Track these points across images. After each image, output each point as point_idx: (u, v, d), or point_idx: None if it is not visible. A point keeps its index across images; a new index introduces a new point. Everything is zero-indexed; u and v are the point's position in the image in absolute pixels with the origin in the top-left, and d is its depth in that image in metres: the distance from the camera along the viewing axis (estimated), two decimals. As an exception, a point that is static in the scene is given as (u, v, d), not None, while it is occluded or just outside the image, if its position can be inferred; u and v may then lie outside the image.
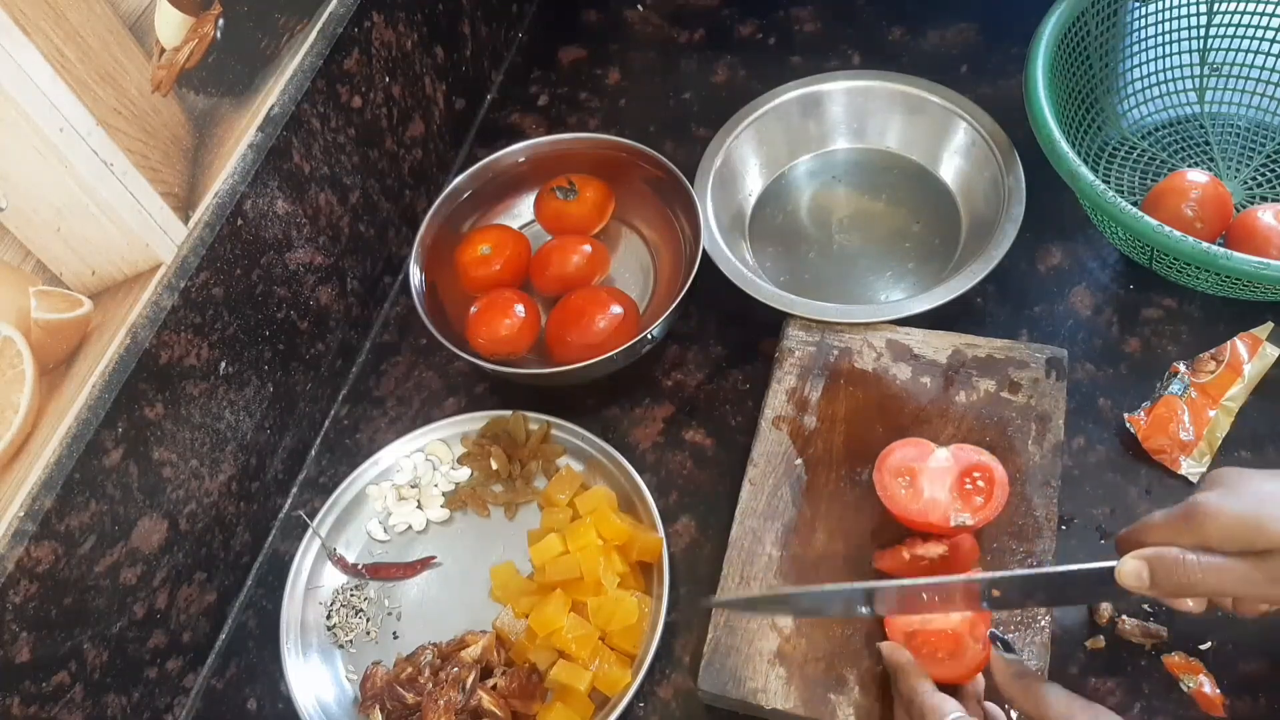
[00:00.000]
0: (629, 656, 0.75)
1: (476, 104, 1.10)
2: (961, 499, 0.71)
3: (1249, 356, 0.79)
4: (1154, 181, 0.88)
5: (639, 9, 1.16)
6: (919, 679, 0.63)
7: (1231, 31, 0.91)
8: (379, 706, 0.74)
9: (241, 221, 0.77)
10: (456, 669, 0.74)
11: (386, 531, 0.85)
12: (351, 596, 0.82)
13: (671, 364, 0.90)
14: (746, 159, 0.96)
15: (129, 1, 0.65)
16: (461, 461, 0.87)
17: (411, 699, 0.74)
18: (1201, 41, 0.92)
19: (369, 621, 0.81)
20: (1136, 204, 0.82)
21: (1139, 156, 0.92)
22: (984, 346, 0.81)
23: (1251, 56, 0.91)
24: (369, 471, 0.86)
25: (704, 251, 0.86)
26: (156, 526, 0.74)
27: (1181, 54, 0.93)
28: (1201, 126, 0.93)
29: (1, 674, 0.63)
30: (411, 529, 0.85)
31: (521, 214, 1.00)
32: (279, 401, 0.86)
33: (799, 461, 0.78)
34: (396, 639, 0.80)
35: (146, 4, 0.67)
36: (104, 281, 0.67)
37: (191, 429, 0.76)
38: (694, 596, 0.78)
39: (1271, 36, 0.90)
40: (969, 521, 0.70)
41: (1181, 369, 0.80)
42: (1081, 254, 0.89)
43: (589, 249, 0.92)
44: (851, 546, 0.74)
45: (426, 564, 0.83)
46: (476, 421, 0.87)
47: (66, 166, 0.63)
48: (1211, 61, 0.93)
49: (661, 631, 0.74)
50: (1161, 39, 0.92)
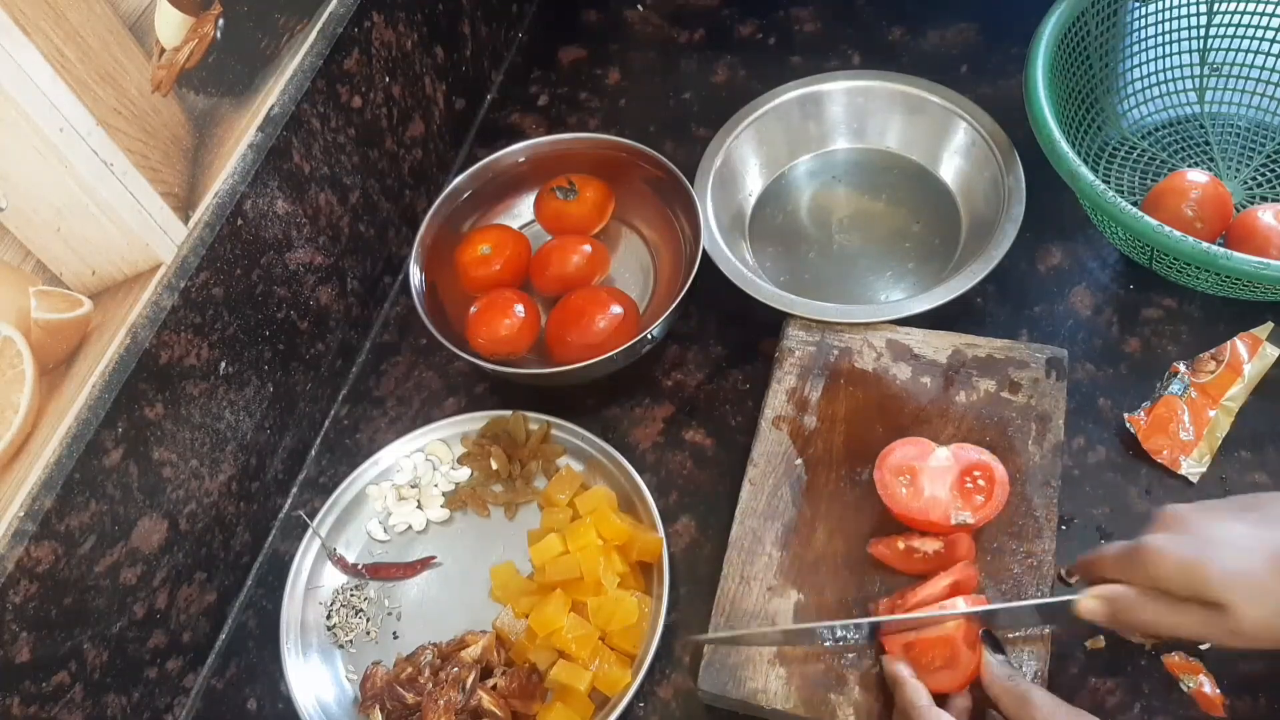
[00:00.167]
0: (629, 656, 0.75)
1: (476, 104, 1.10)
2: (962, 497, 0.71)
3: (1249, 356, 0.79)
4: (1154, 181, 0.88)
5: (639, 9, 1.16)
6: (916, 694, 0.63)
7: (1231, 31, 0.91)
8: (379, 706, 0.74)
9: (241, 221, 0.77)
10: (456, 669, 0.74)
11: (386, 531, 0.85)
12: (351, 596, 0.82)
13: (671, 364, 0.90)
14: (746, 159, 0.96)
15: (129, 1, 0.65)
16: (461, 461, 0.87)
17: (411, 699, 0.74)
18: (1201, 41, 0.92)
19: (369, 621, 0.81)
20: (1136, 204, 0.82)
21: (1139, 156, 0.92)
22: (984, 346, 0.81)
23: (1251, 56, 0.91)
24: (369, 471, 0.86)
25: (704, 251, 0.86)
26: (156, 526, 0.74)
27: (1181, 54, 0.93)
28: (1201, 126, 0.93)
29: (1, 674, 0.63)
30: (411, 529, 0.85)
31: (521, 214, 1.00)
32: (279, 401, 0.86)
33: (799, 461, 0.78)
34: (396, 639, 0.80)
35: (146, 4, 0.67)
36: (104, 281, 0.67)
37: (191, 429, 0.76)
38: (694, 597, 0.78)
39: (1271, 36, 0.90)
40: (969, 520, 0.70)
41: (1181, 369, 0.80)
42: (1081, 254, 0.89)
43: (589, 249, 0.92)
44: (851, 546, 0.74)
45: (426, 564, 0.83)
46: (476, 421, 0.87)
47: (66, 166, 0.63)
48: (1211, 61, 0.93)
49: (661, 631, 0.74)
50: (1161, 39, 0.92)
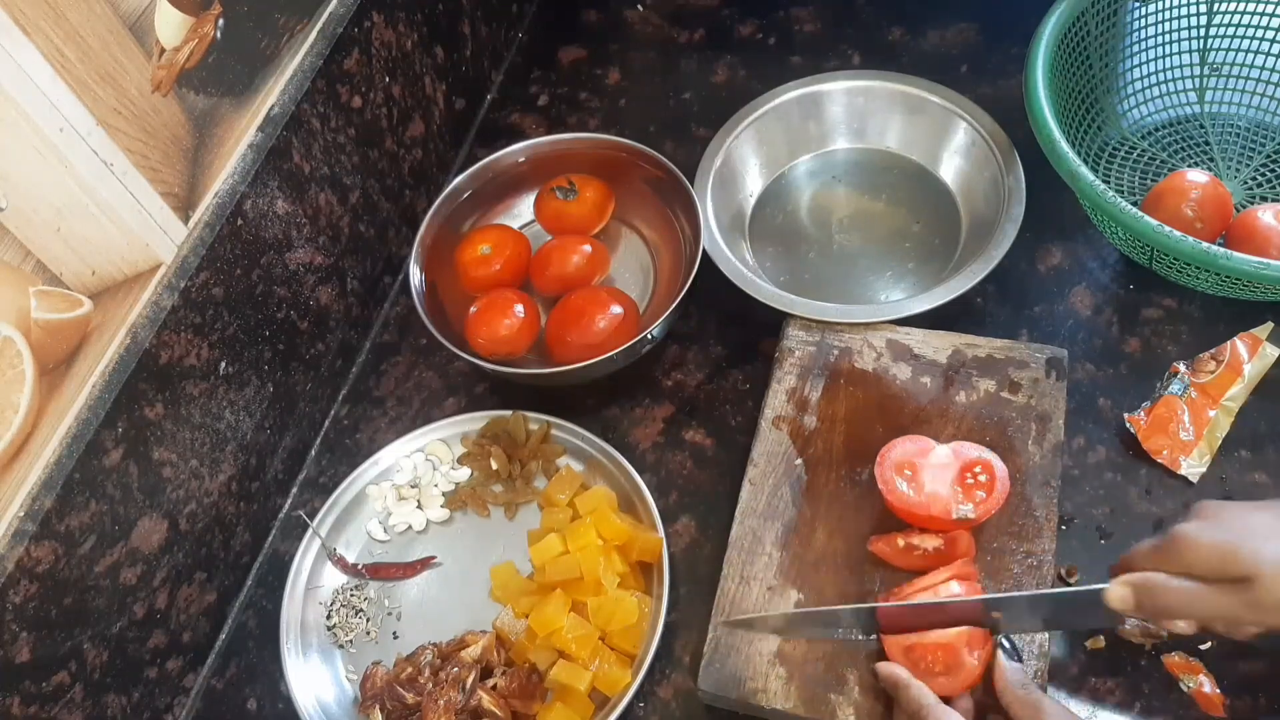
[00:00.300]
0: (629, 656, 0.75)
1: (476, 104, 1.10)
2: (963, 492, 0.71)
3: (1249, 356, 0.79)
4: (1154, 181, 0.88)
5: (639, 9, 1.16)
6: (923, 693, 0.63)
7: (1231, 31, 0.91)
8: (379, 706, 0.74)
9: (241, 221, 0.77)
10: (456, 669, 0.74)
11: (386, 531, 0.85)
12: (351, 596, 0.82)
13: (671, 364, 0.90)
14: (746, 159, 0.96)
15: (129, 1, 0.65)
16: (461, 461, 0.87)
17: (411, 699, 0.74)
18: (1201, 41, 0.92)
19: (369, 621, 0.81)
20: (1136, 204, 0.82)
21: (1139, 156, 0.92)
22: (984, 346, 0.81)
23: (1251, 56, 0.91)
24: (369, 471, 0.86)
25: (704, 251, 0.86)
26: (156, 526, 0.74)
27: (1181, 54, 0.93)
28: (1201, 126, 0.93)
29: (1, 674, 0.63)
30: (411, 529, 0.85)
31: (521, 214, 1.00)
32: (279, 401, 0.86)
33: (799, 461, 0.78)
34: (396, 639, 0.80)
35: (146, 4, 0.67)
36: (104, 281, 0.67)
37: (191, 429, 0.76)
38: (694, 597, 0.78)
39: (1271, 36, 0.90)
40: (970, 515, 0.70)
41: (1181, 369, 0.80)
42: (1081, 254, 0.89)
43: (589, 249, 0.92)
44: (852, 546, 0.74)
45: (426, 564, 0.83)
46: (476, 421, 0.87)
47: (66, 166, 0.63)
48: (1211, 61, 0.93)
49: (661, 631, 0.74)
50: (1161, 39, 0.92)
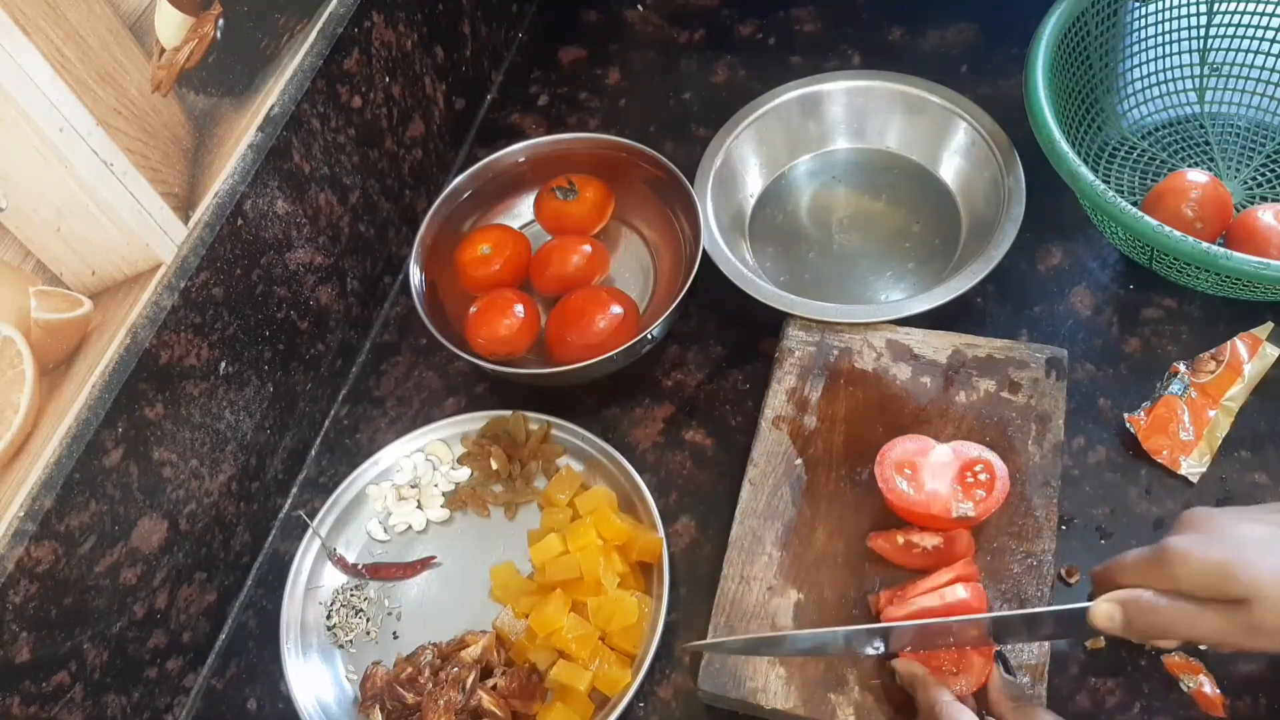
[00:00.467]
0: (629, 656, 0.75)
1: (476, 104, 1.10)
2: (963, 491, 0.71)
3: (1249, 356, 0.79)
4: (1154, 181, 0.88)
5: (639, 9, 1.16)
6: (938, 690, 0.63)
7: (1231, 31, 0.91)
8: (379, 706, 0.74)
9: (241, 221, 0.77)
10: (456, 669, 0.74)
11: (386, 531, 0.85)
12: (351, 596, 0.82)
13: (671, 364, 0.90)
14: (746, 159, 0.96)
15: (129, 1, 0.65)
16: (461, 461, 0.87)
17: (411, 699, 0.74)
18: (1201, 41, 0.92)
19: (369, 621, 0.81)
20: (1136, 204, 0.82)
21: (1139, 156, 0.92)
22: (984, 346, 0.81)
23: (1251, 56, 0.91)
24: (369, 471, 0.86)
25: (704, 251, 0.86)
26: (156, 526, 0.74)
27: (1181, 54, 0.93)
28: (1201, 126, 0.93)
29: (1, 674, 0.63)
30: (411, 529, 0.85)
31: (521, 214, 1.00)
32: (279, 401, 0.86)
33: (799, 461, 0.78)
34: (396, 639, 0.80)
35: (146, 4, 0.67)
36: (104, 281, 0.67)
37: (191, 429, 0.76)
38: (694, 597, 0.78)
39: (1271, 36, 0.90)
40: (971, 513, 0.70)
41: (1181, 369, 0.80)
42: (1081, 254, 0.89)
43: (589, 249, 0.92)
44: (852, 546, 0.74)
45: (426, 564, 0.83)
46: (476, 421, 0.87)
47: (66, 166, 0.63)
48: (1211, 61, 0.93)
49: (661, 631, 0.74)
50: (1161, 39, 0.92)
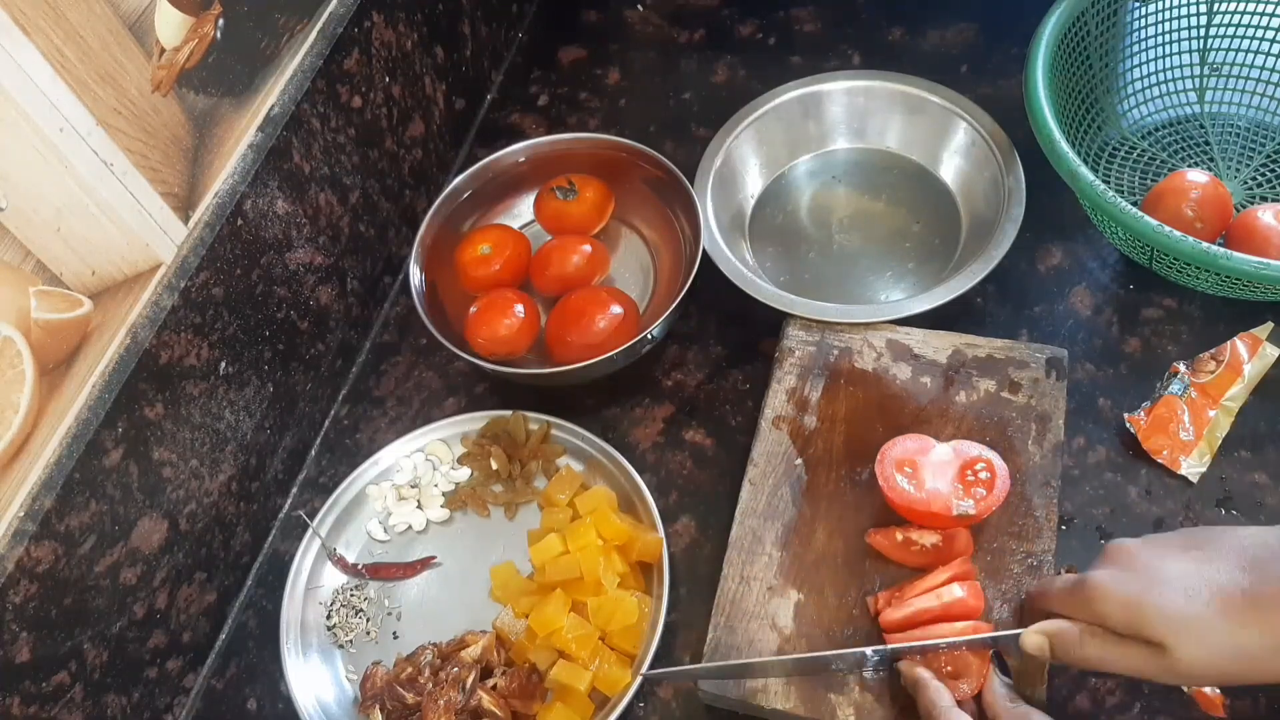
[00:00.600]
0: (629, 656, 0.75)
1: (476, 104, 1.10)
2: (964, 489, 0.71)
3: (1249, 356, 0.79)
4: (1154, 181, 0.88)
5: (639, 9, 1.16)
6: (940, 694, 0.63)
7: (1231, 31, 0.91)
8: (379, 706, 0.74)
9: (241, 221, 0.77)
10: (456, 669, 0.74)
11: (386, 531, 0.85)
12: (351, 596, 0.82)
13: (671, 364, 0.90)
14: (746, 159, 0.96)
15: (129, 1, 0.65)
16: (461, 461, 0.87)
17: (411, 699, 0.74)
18: (1201, 41, 0.92)
19: (369, 621, 0.81)
20: (1136, 204, 0.82)
21: (1139, 156, 0.92)
22: (984, 346, 0.81)
23: (1251, 56, 0.91)
24: (369, 471, 0.86)
25: (704, 251, 0.86)
26: (156, 526, 0.74)
27: (1181, 54, 0.93)
28: (1201, 126, 0.93)
29: (1, 674, 0.63)
30: (411, 529, 0.85)
31: (521, 214, 1.00)
32: (279, 401, 0.86)
33: (799, 461, 0.78)
34: (396, 639, 0.80)
35: (146, 4, 0.67)
36: (104, 281, 0.67)
37: (191, 429, 0.76)
38: (694, 597, 0.78)
39: (1271, 36, 0.90)
40: (971, 511, 0.70)
41: (1181, 369, 0.80)
42: (1081, 254, 0.89)
43: (589, 249, 0.92)
44: (852, 546, 0.74)
45: (426, 564, 0.83)
46: (476, 421, 0.87)
47: (66, 166, 0.63)
48: (1211, 61, 0.93)
49: (661, 631, 0.74)
50: (1161, 39, 0.92)
